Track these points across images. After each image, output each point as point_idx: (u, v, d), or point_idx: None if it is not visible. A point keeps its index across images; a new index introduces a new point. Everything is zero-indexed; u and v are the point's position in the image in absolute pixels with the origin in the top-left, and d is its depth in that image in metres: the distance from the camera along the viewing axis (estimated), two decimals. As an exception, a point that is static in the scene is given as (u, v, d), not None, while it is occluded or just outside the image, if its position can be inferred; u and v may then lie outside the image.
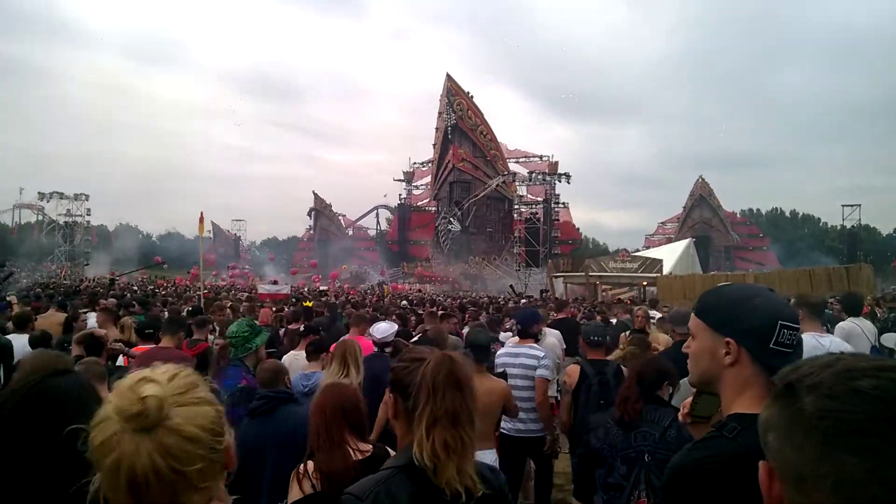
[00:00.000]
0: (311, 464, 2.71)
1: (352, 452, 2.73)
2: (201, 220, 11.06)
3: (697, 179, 71.27)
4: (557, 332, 7.93)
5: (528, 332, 5.61)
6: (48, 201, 61.74)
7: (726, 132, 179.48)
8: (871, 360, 0.79)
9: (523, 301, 20.06)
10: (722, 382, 1.53)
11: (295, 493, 2.65)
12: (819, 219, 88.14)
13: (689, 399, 1.84)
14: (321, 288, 20.84)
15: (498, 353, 5.65)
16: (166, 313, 9.57)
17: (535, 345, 5.53)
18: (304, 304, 9.75)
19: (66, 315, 8.17)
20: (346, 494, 1.74)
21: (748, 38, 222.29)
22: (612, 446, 3.24)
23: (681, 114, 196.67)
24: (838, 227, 67.52)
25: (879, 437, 0.71)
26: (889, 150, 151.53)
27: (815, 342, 4.37)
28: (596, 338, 5.16)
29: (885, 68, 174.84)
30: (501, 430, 5.19)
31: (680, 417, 1.89)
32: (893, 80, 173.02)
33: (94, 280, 33.35)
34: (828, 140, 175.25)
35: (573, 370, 5.01)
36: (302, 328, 6.96)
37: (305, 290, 26.00)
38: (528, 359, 5.22)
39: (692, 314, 1.67)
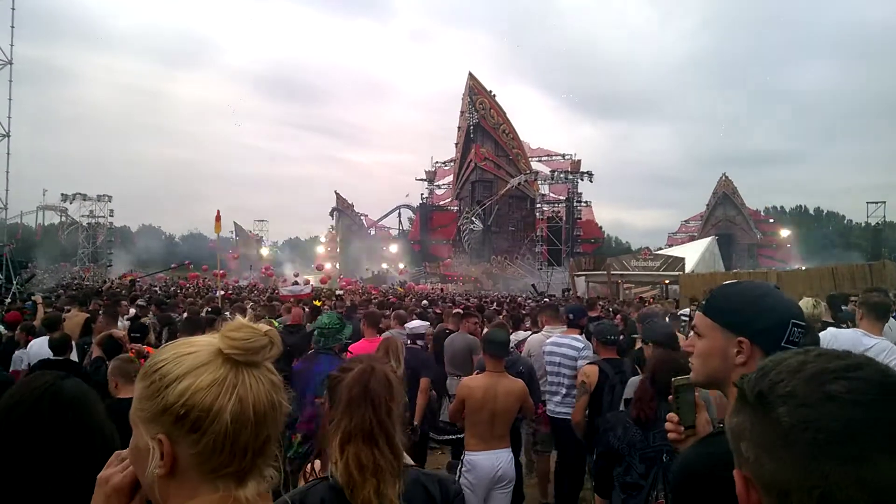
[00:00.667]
0: (318, 463, 2.64)
1: None
2: (218, 218, 11.14)
3: (721, 177, 70.57)
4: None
5: (576, 324, 6.27)
6: (71, 203, 62.46)
7: (750, 130, 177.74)
8: (839, 358, 0.78)
9: (545, 300, 20.10)
10: (731, 382, 1.49)
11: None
12: (843, 216, 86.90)
13: (673, 415, 1.77)
14: (338, 291, 20.93)
15: (547, 340, 6.16)
16: (185, 314, 9.68)
17: (579, 336, 6.09)
18: (315, 303, 9.80)
19: (87, 315, 8.23)
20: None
21: (769, 37, 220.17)
22: (631, 445, 3.22)
23: (704, 112, 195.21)
24: (862, 224, 66.41)
25: (862, 443, 0.69)
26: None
27: (857, 338, 4.29)
28: (611, 337, 5.29)
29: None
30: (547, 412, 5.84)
31: (671, 436, 1.78)
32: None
33: (114, 281, 33.86)
34: (852, 137, 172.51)
35: (591, 370, 5.05)
36: None
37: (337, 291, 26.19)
38: (570, 349, 5.80)
39: (699, 313, 1.67)
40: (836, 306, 6.69)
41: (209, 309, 11.07)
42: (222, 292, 14.53)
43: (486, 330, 5.96)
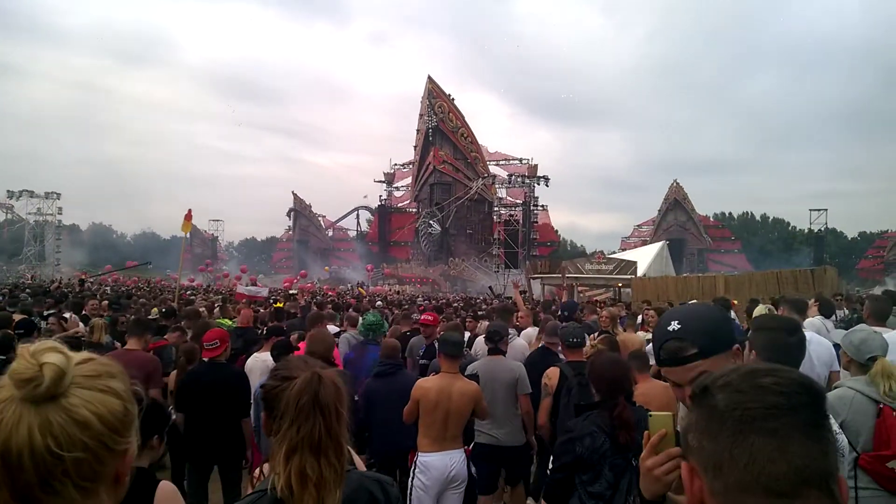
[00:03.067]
0: (266, 467, 2.67)
1: None
2: (188, 217, 10.75)
3: (672, 183, 72.22)
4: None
5: (573, 318, 7.00)
6: (18, 199, 60.58)
7: (700, 138, 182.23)
8: (769, 364, 0.95)
9: (499, 302, 20.29)
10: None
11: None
12: (788, 222, 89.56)
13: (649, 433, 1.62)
14: (291, 291, 20.68)
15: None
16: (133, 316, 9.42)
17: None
18: (276, 305, 9.73)
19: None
20: None
21: (719, 46, 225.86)
22: (601, 454, 3.12)
23: (656, 119, 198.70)
24: (806, 231, 68.79)
25: (782, 421, 0.85)
26: (854, 157, 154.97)
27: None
28: (574, 339, 5.23)
29: (851, 77, 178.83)
30: None
31: (663, 469, 1.56)
32: (858, 87, 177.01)
33: (62, 280, 32.76)
34: (797, 146, 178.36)
35: (553, 372, 5.01)
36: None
37: (291, 290, 25.94)
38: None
39: (689, 363, 1.66)
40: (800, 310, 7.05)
41: (164, 309, 10.88)
42: (180, 293, 14.13)
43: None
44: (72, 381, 1.00)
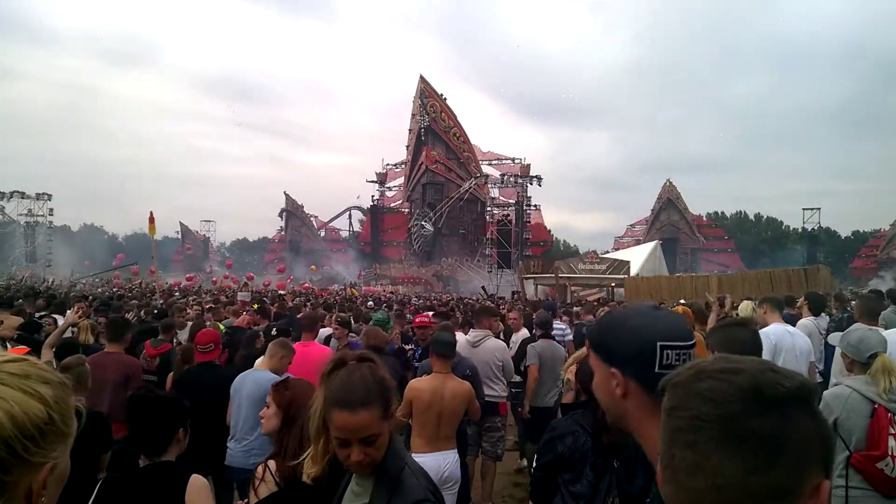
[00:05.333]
0: (272, 463, 2.72)
1: None
2: (151, 219, 10.86)
3: (665, 183, 72.46)
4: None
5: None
6: (8, 200, 60.24)
7: (693, 137, 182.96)
8: (725, 361, 0.84)
9: (488, 303, 20.29)
10: (628, 417, 1.33)
11: (261, 491, 2.68)
12: (781, 222, 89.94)
13: None
14: (280, 292, 20.62)
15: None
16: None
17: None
18: (254, 305, 9.75)
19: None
20: None
21: (710, 45, 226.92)
22: (582, 453, 3.09)
23: (648, 119, 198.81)
24: (799, 230, 69.16)
25: (704, 433, 0.78)
26: (847, 156, 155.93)
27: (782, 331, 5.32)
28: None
29: (842, 75, 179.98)
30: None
31: None
32: (851, 86, 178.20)
33: (52, 281, 32.60)
34: (790, 145, 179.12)
35: (571, 370, 5.07)
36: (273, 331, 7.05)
37: (281, 291, 25.83)
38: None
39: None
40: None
41: (154, 311, 10.82)
42: (160, 293, 14.21)
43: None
44: None
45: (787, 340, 5.20)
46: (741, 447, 0.76)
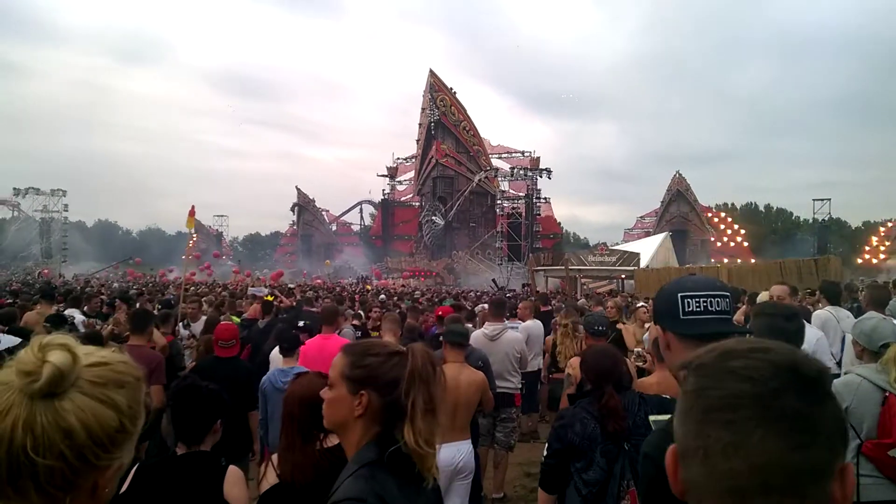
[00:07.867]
0: (275, 458, 2.72)
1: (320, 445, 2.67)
2: (191, 213, 10.67)
3: (675, 174, 71.83)
4: (540, 323, 8.35)
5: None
6: (24, 197, 60.57)
7: (700, 128, 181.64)
8: (750, 342, 0.85)
9: (508, 295, 20.34)
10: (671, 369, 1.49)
11: (263, 486, 2.71)
12: (791, 212, 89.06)
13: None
14: (290, 286, 20.71)
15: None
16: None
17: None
18: (266, 298, 9.76)
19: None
20: (347, 500, 1.63)
21: (717, 36, 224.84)
22: (592, 440, 3.14)
23: (656, 110, 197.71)
24: (809, 221, 68.50)
25: (742, 412, 0.76)
26: (857, 146, 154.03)
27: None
28: (599, 328, 5.28)
29: (854, 65, 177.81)
30: None
31: None
32: (862, 76, 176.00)
33: (67, 278, 32.86)
34: (799, 135, 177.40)
35: (576, 362, 4.88)
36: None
37: (290, 285, 25.98)
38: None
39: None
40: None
41: (158, 304, 10.92)
42: (184, 288, 14.14)
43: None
44: (73, 384, 0.93)
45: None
46: (781, 425, 0.75)
